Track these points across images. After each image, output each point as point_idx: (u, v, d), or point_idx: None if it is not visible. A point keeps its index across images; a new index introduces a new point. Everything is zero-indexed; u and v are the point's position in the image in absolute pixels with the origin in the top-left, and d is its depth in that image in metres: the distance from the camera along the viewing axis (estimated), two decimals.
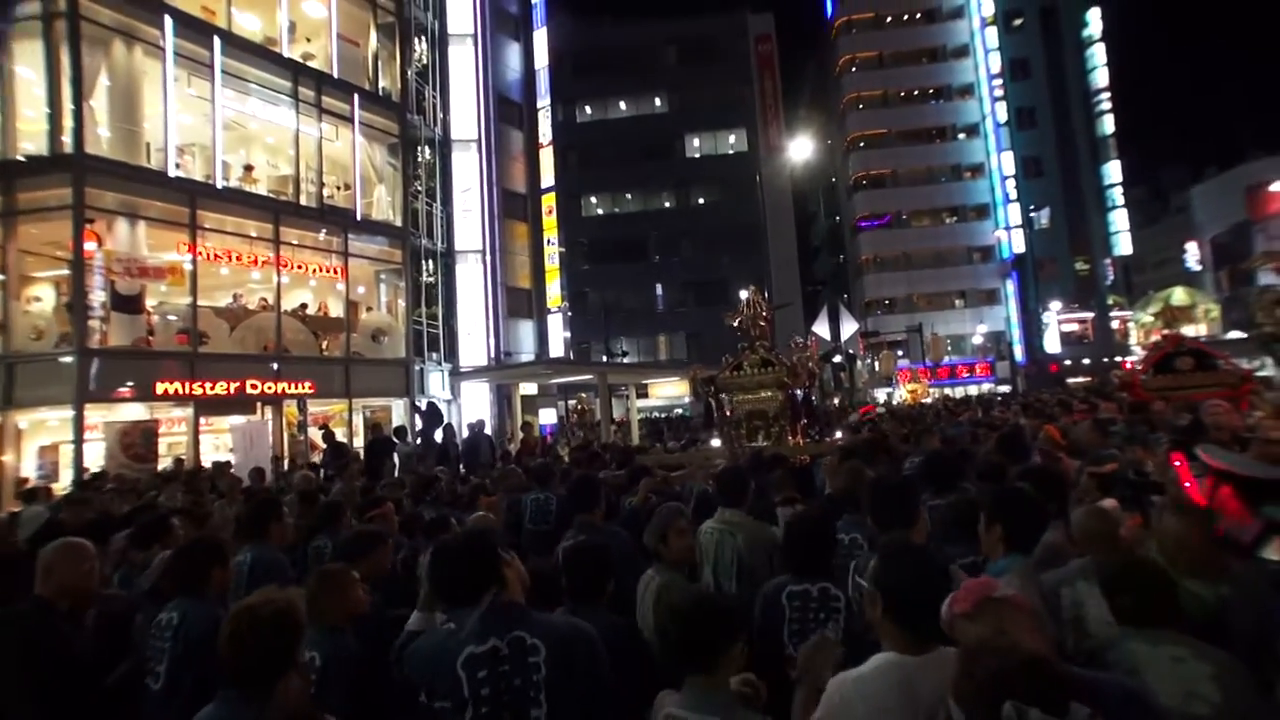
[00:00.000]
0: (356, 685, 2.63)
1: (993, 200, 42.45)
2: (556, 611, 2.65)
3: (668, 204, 40.56)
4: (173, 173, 14.43)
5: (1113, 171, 41.92)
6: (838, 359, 20.01)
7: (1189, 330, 22.97)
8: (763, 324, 8.89)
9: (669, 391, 34.00)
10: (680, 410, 31.58)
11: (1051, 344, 41.04)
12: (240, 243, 16.16)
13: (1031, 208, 40.55)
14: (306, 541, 4.78)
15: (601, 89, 39.84)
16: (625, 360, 30.11)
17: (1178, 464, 4.08)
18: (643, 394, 29.79)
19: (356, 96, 18.31)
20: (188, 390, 14.55)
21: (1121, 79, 42.06)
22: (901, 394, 31.27)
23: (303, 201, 17.12)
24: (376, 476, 9.12)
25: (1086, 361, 39.24)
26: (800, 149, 28.28)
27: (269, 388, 15.93)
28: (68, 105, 13.31)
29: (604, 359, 28.86)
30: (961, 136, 44.24)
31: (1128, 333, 35.19)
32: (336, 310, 18.50)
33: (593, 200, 40.73)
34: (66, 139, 13.26)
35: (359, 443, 16.17)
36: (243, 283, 16.85)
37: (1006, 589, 1.76)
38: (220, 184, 15.31)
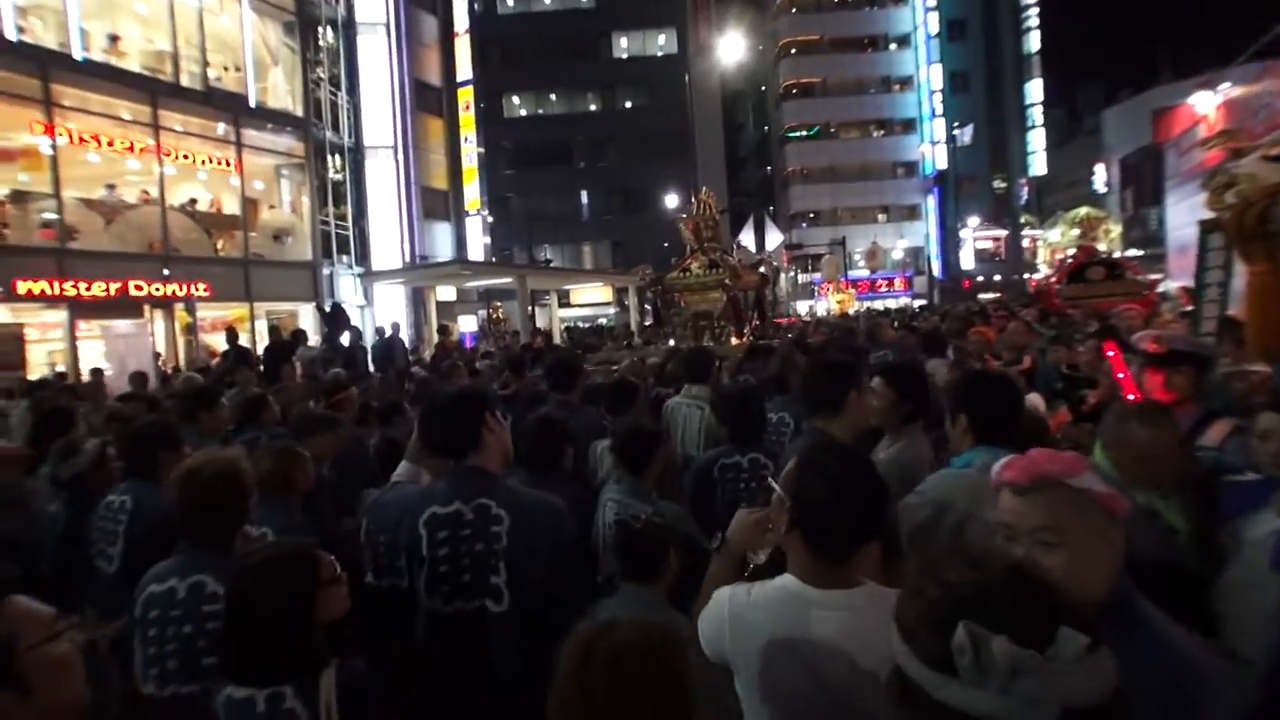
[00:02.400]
0: None
1: (919, 115, 42.62)
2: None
3: (593, 107, 38.96)
4: (11, 35, 12.49)
5: (1034, 90, 42.60)
6: (762, 270, 19.88)
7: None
8: (714, 224, 8.85)
9: (591, 298, 33.52)
10: (604, 320, 31.23)
11: (967, 260, 42.43)
12: (111, 125, 14.38)
13: (956, 124, 40.96)
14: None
15: None
16: (552, 266, 29.32)
17: (1111, 354, 4.00)
18: (565, 303, 29.22)
19: None
20: (57, 290, 13.16)
21: None
22: (829, 305, 31.85)
23: (184, 82, 15.30)
24: (275, 381, 8.57)
25: (998, 278, 40.84)
26: (731, 48, 27.18)
27: (156, 289, 14.62)
28: None
29: (533, 265, 28.00)
30: (893, 47, 43.82)
31: (1036, 251, 36.62)
32: (232, 207, 16.98)
33: (515, 100, 38.66)
34: None
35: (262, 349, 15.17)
36: (119, 173, 15.11)
37: (1092, 479, 1.22)
38: (79, 55, 13.42)
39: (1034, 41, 42.07)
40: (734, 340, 8.21)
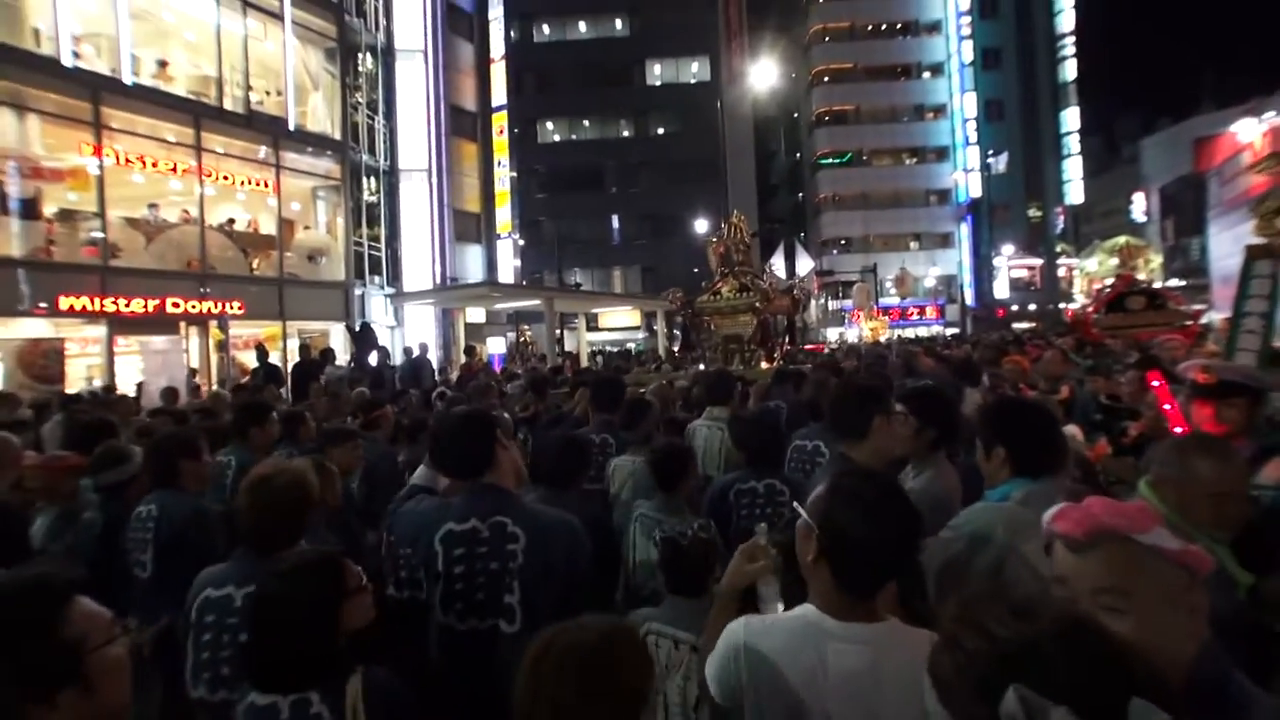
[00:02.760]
0: None
1: (953, 142, 42.28)
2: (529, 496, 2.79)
3: (626, 133, 39.31)
4: (68, 61, 12.95)
5: (1071, 118, 42.11)
6: (796, 294, 19.78)
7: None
8: (744, 248, 8.86)
9: (620, 322, 33.52)
10: (633, 344, 31.19)
11: (1001, 289, 41.70)
12: (155, 147, 14.78)
13: (990, 152, 40.58)
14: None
15: (560, 6, 37.87)
16: (582, 289, 29.43)
17: (1156, 384, 3.78)
18: (593, 326, 29.23)
19: None
20: (98, 307, 13.45)
21: (1088, 24, 41.71)
22: (862, 332, 31.47)
23: (227, 106, 15.72)
24: (303, 399, 8.66)
25: (1032, 307, 40.03)
26: (763, 76, 27.28)
27: (193, 307, 14.89)
28: None
29: (562, 288, 28.14)
30: (926, 75, 43.64)
31: (1073, 280, 35.83)
32: (268, 227, 17.32)
33: (549, 126, 39.19)
34: None
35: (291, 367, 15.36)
36: (161, 193, 15.50)
37: (1163, 534, 1.03)
38: (129, 79, 13.87)
39: (1070, 70, 41.80)
40: (764, 364, 8.09)
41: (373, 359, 11.61)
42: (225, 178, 16.00)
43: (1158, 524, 1.05)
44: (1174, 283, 25.09)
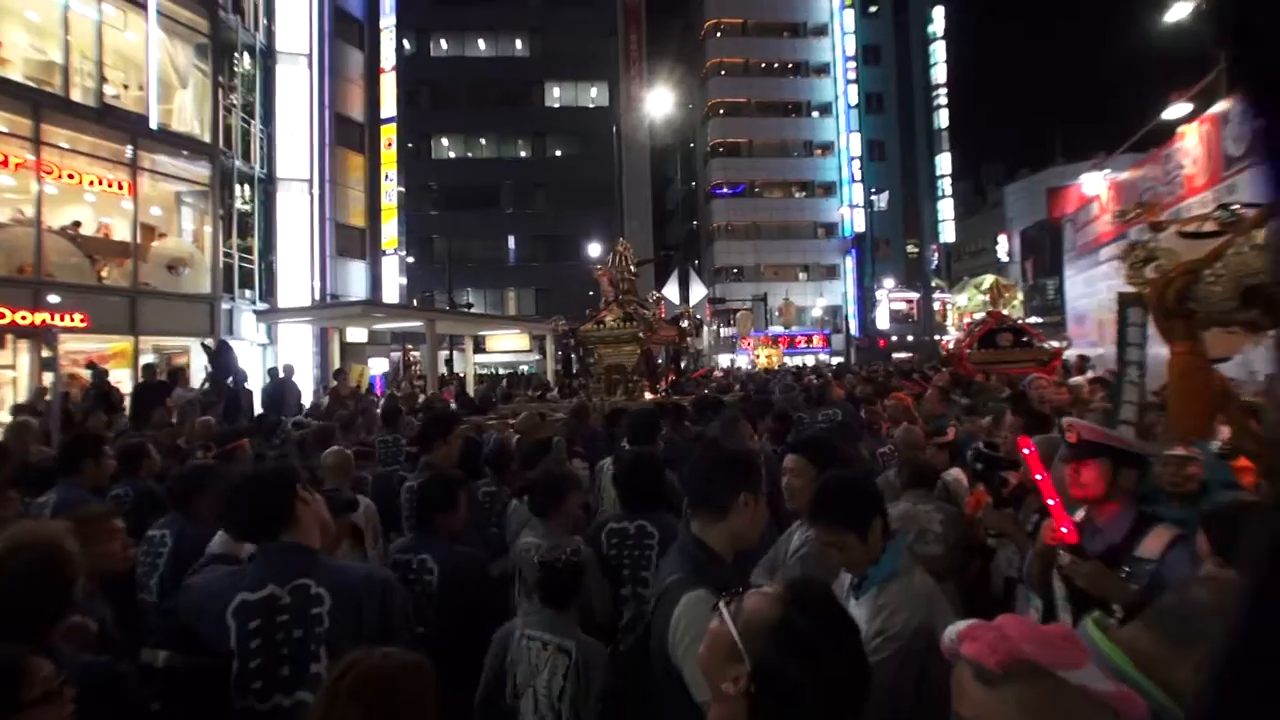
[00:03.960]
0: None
1: (839, 179, 44.50)
2: (398, 541, 3.01)
3: (523, 153, 38.95)
4: None
5: (943, 163, 45.27)
6: (684, 323, 19.89)
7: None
8: (630, 277, 8.64)
9: (510, 345, 32.86)
10: (525, 366, 30.58)
11: (882, 320, 44.00)
12: None
13: (873, 190, 43.00)
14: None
15: (459, 22, 37.21)
16: (470, 311, 28.60)
17: (1027, 451, 3.76)
18: (480, 349, 28.47)
19: None
20: None
21: (959, 78, 45.12)
22: (752, 359, 32.19)
23: (75, 97, 14.22)
24: (143, 426, 7.74)
25: (910, 338, 42.41)
26: (660, 103, 27.67)
27: (22, 317, 13.23)
28: None
29: (447, 309, 27.19)
30: (815, 114, 45.78)
31: (946, 314, 38.26)
32: (122, 233, 15.75)
33: (444, 142, 38.28)
34: None
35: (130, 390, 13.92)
36: None
37: (1093, 673, 0.85)
38: None
39: (944, 118, 44.89)
40: (647, 394, 7.94)
41: (230, 381, 10.62)
42: (70, 176, 14.42)
43: (1087, 659, 0.87)
44: (1034, 320, 27.24)
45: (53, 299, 13.66)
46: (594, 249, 31.33)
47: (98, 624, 2.20)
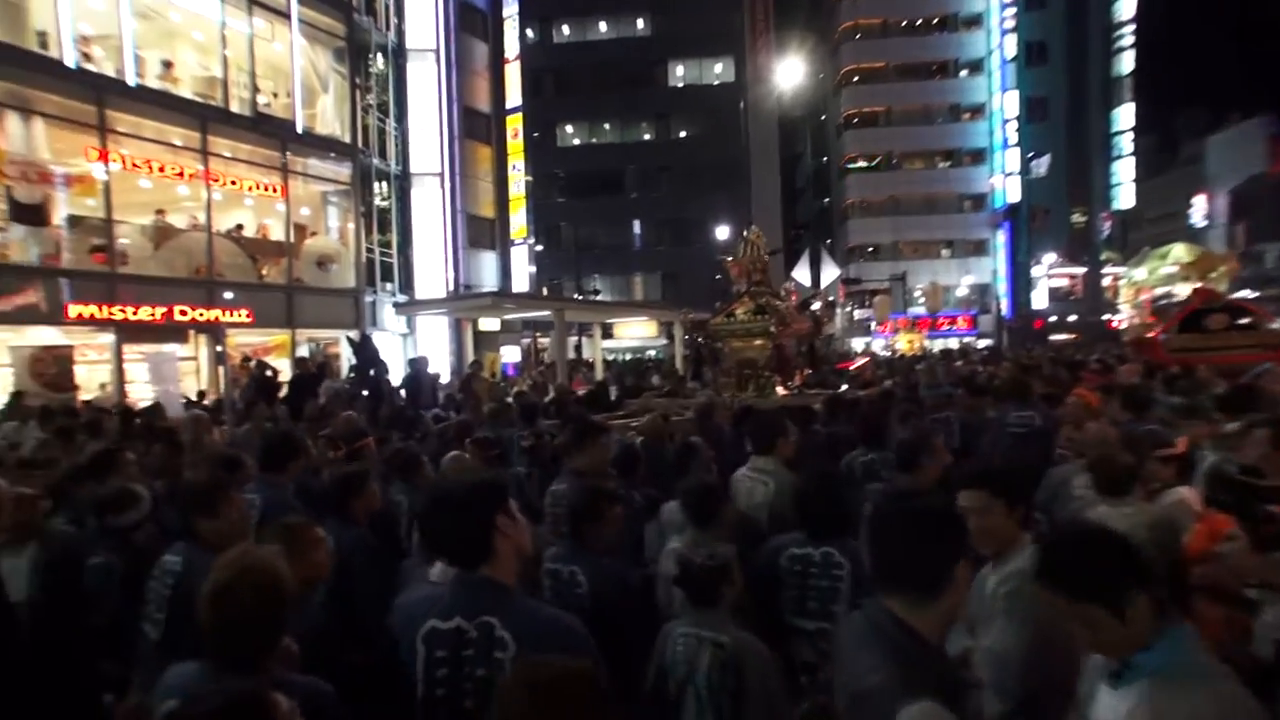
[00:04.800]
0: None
1: (990, 145, 40.62)
2: (550, 550, 2.87)
3: (647, 136, 38.73)
4: (70, 62, 12.59)
5: (1123, 116, 39.88)
6: (816, 306, 18.90)
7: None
8: (762, 268, 8.12)
9: (638, 331, 32.84)
10: (653, 352, 30.45)
11: (1039, 299, 40.08)
12: (162, 151, 14.43)
13: (1031, 154, 38.71)
14: None
15: (579, 6, 37.40)
16: (597, 298, 28.80)
17: None
18: (609, 335, 28.59)
19: None
20: (106, 314, 13.15)
21: (1149, 10, 38.83)
22: (891, 343, 30.47)
23: (234, 108, 15.33)
24: (299, 416, 8.14)
25: (1073, 318, 38.48)
26: (789, 74, 26.37)
27: (200, 315, 14.51)
28: None
29: (575, 297, 27.50)
30: (964, 73, 41.98)
31: (1118, 291, 34.16)
32: (278, 233, 16.93)
33: (569, 129, 38.73)
34: None
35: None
36: (169, 199, 15.17)
37: None
38: (133, 81, 13.50)
39: (1127, 63, 39.35)
40: (779, 391, 7.36)
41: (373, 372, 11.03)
42: (233, 182, 15.62)
43: None
44: (1245, 294, 23.30)
45: (227, 295, 14.91)
46: (721, 231, 30.65)
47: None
